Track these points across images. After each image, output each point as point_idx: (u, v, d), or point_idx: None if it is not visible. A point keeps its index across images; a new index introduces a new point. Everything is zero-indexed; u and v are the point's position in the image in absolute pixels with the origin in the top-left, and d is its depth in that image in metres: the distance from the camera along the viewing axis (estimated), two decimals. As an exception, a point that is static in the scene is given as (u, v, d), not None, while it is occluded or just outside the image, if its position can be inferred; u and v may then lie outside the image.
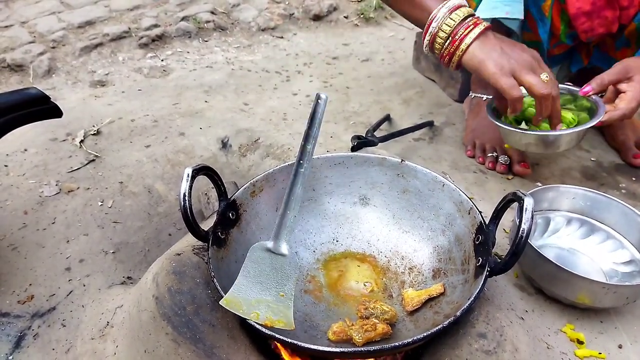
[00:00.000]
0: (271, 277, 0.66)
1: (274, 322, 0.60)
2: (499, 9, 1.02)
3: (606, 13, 1.00)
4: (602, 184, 1.15)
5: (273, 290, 0.65)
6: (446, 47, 0.90)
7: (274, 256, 0.69)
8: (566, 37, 1.08)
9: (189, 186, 0.61)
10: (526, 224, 0.55)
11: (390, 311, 0.66)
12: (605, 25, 1.02)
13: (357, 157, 0.80)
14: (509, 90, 0.87)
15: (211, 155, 1.20)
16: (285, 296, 0.65)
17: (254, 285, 0.64)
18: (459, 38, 0.88)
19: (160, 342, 0.62)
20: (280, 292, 0.65)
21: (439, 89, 1.56)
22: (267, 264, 0.67)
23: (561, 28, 1.07)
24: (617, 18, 1.02)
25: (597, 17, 1.01)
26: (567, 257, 0.90)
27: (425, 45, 0.94)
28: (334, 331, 0.63)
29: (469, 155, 1.23)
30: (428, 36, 0.91)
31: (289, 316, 0.62)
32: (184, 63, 1.73)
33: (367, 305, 0.67)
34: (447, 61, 0.92)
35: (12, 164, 1.14)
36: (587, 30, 1.03)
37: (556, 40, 1.10)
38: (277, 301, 0.63)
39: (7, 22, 1.81)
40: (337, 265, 0.76)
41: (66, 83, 1.57)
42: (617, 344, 0.79)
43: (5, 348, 0.75)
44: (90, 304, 0.82)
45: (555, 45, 1.12)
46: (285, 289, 0.66)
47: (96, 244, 0.95)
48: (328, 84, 1.60)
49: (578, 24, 1.03)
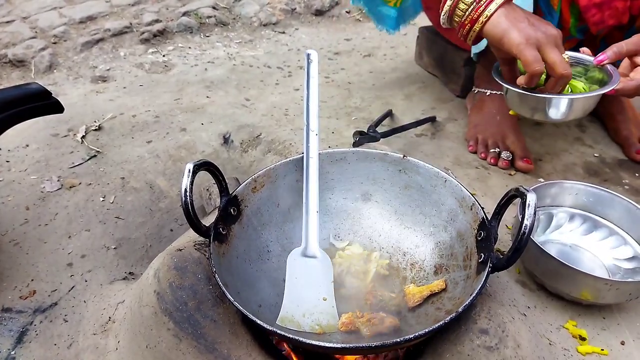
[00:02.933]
0: (311, 282, 0.68)
1: (324, 328, 0.63)
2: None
3: (617, 4, 0.99)
4: (605, 179, 1.14)
5: (316, 296, 0.67)
6: (469, 14, 0.85)
7: (308, 260, 0.70)
8: (576, 30, 1.07)
9: (190, 182, 0.61)
10: (529, 219, 0.55)
11: (397, 297, 0.68)
12: (616, 17, 1.00)
13: (359, 153, 0.80)
14: (533, 63, 0.82)
15: (213, 151, 1.20)
16: (327, 299, 0.67)
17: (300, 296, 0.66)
18: (484, 3, 0.83)
19: (161, 337, 0.62)
20: (322, 295, 0.67)
21: (441, 84, 1.55)
22: (304, 269, 0.69)
23: (571, 21, 1.05)
24: (627, 9, 1.00)
25: (608, 8, 0.99)
26: (569, 253, 0.89)
27: (445, 12, 0.88)
28: (342, 322, 0.65)
29: (471, 151, 1.22)
30: (450, 1, 0.86)
31: (334, 319, 0.64)
32: (186, 58, 1.73)
33: (374, 294, 0.68)
34: (467, 31, 0.87)
35: (13, 159, 1.14)
36: (598, 22, 1.02)
37: (566, 34, 1.09)
38: (321, 306, 0.66)
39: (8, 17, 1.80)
40: (339, 262, 0.76)
41: (67, 78, 1.57)
42: (619, 341, 0.78)
43: (8, 343, 0.76)
44: (92, 300, 0.83)
45: (565, 40, 1.11)
46: (325, 291, 0.67)
47: (98, 239, 0.95)
48: (330, 79, 1.60)
49: (589, 16, 1.01)
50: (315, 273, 0.69)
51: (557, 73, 0.83)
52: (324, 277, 0.69)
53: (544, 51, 0.83)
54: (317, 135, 0.75)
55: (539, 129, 1.32)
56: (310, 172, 0.74)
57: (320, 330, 0.63)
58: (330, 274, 0.70)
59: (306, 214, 0.72)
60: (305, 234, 0.72)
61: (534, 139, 1.27)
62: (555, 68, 0.83)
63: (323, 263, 0.70)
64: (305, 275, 0.69)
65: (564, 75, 0.84)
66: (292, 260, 0.70)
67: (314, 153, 0.75)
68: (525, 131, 1.24)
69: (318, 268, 0.69)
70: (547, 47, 0.82)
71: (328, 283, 0.68)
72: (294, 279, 0.69)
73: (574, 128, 1.33)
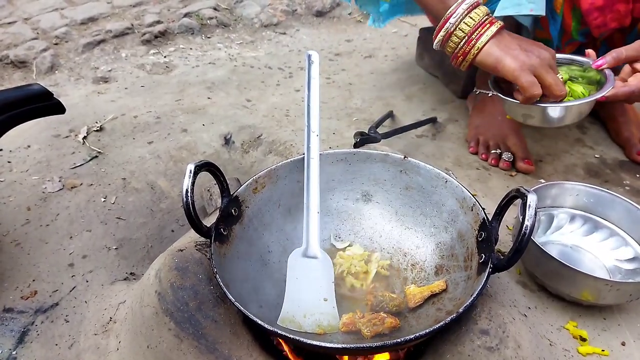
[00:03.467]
0: (312, 283, 0.68)
1: (325, 329, 0.63)
2: (524, 5, 0.98)
3: (619, 7, 0.98)
4: (606, 180, 1.14)
5: (317, 297, 0.67)
6: (461, 47, 0.88)
7: (309, 260, 0.70)
8: (578, 34, 1.07)
9: (191, 182, 0.61)
10: (529, 220, 0.55)
11: (398, 298, 0.68)
12: (618, 20, 1.00)
13: (359, 154, 0.80)
14: (530, 87, 0.85)
15: (214, 152, 1.20)
16: (328, 300, 0.67)
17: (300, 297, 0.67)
18: (475, 37, 0.86)
19: (162, 337, 0.62)
20: (323, 296, 0.67)
21: (442, 85, 1.55)
22: (305, 270, 0.69)
23: (572, 25, 1.05)
24: (629, 11, 1.00)
25: (610, 11, 0.99)
26: (570, 254, 0.89)
27: (438, 41, 0.91)
28: (344, 322, 0.65)
29: (472, 152, 1.22)
30: (443, 32, 0.88)
31: (335, 319, 0.65)
32: (187, 59, 1.73)
33: (375, 294, 0.68)
34: (460, 61, 0.90)
35: (15, 160, 1.14)
36: (600, 26, 1.02)
37: (568, 37, 1.09)
38: (322, 307, 0.66)
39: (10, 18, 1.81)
40: (340, 262, 0.76)
41: (69, 79, 1.57)
42: (620, 341, 0.78)
43: (9, 343, 0.76)
44: (93, 300, 0.83)
45: (567, 43, 1.11)
46: (326, 292, 0.68)
47: (99, 240, 0.95)
48: (331, 80, 1.60)
49: (590, 19, 1.01)
50: (316, 273, 0.69)
51: (554, 95, 0.88)
52: (324, 277, 0.69)
53: (540, 75, 0.86)
54: (318, 136, 0.75)
55: (540, 130, 1.32)
56: (311, 172, 0.74)
57: (321, 330, 0.63)
58: (331, 275, 0.70)
59: (307, 215, 0.73)
60: (306, 234, 0.72)
61: (535, 140, 1.27)
62: (552, 91, 0.87)
63: (324, 263, 0.70)
64: (306, 275, 0.69)
65: (561, 96, 0.88)
66: (293, 261, 0.70)
67: (314, 154, 0.75)
68: (526, 132, 1.24)
69: (319, 268, 0.69)
70: (541, 70, 0.86)
71: (329, 283, 0.69)
72: (294, 280, 0.69)
73: (574, 129, 1.33)
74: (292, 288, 0.68)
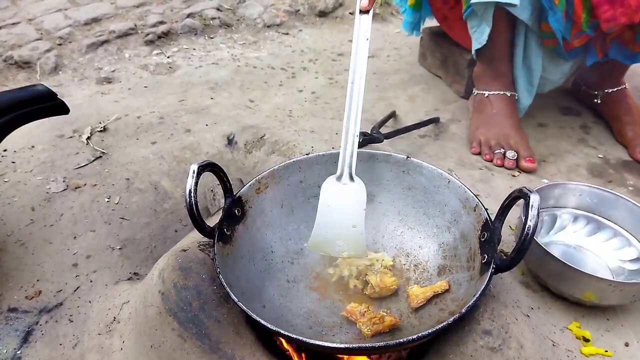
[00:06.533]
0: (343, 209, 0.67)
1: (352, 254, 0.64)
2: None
3: (630, 1, 0.97)
4: (610, 181, 1.14)
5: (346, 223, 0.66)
6: None
7: (342, 186, 0.69)
8: (587, 26, 1.05)
9: (194, 183, 0.61)
10: (532, 220, 0.55)
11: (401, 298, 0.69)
12: (628, 15, 0.99)
13: (362, 154, 0.80)
14: None
15: (217, 152, 1.20)
16: (357, 227, 0.66)
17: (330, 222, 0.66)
18: None
19: (166, 337, 0.63)
20: (353, 223, 0.66)
21: (445, 85, 1.55)
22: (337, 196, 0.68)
23: (583, 16, 1.04)
24: None
25: (620, 5, 0.98)
26: (573, 255, 0.89)
27: None
28: (346, 309, 0.66)
29: (474, 153, 1.22)
30: None
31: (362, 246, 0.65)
32: (190, 60, 1.73)
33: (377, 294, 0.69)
34: None
35: (19, 160, 1.14)
36: (609, 19, 1.01)
37: (577, 29, 1.08)
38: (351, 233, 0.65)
39: (14, 19, 1.81)
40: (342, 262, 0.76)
41: (73, 80, 1.58)
42: (623, 342, 0.78)
43: (14, 343, 0.76)
44: (97, 300, 0.83)
45: (576, 36, 1.09)
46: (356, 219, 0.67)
47: (103, 240, 0.95)
48: (333, 80, 1.60)
49: (600, 12, 1.01)
50: (348, 199, 0.67)
51: None
52: (356, 204, 0.67)
53: None
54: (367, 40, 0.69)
55: (542, 130, 1.32)
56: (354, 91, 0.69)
57: (348, 255, 0.63)
58: (363, 202, 0.68)
59: (344, 138, 0.70)
60: (342, 159, 0.70)
61: (538, 140, 1.27)
62: None
63: (357, 190, 0.68)
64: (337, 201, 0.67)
65: None
66: (327, 187, 0.69)
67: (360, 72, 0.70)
68: (528, 132, 1.24)
69: (352, 195, 0.68)
70: None
71: (360, 210, 0.67)
72: (326, 206, 0.68)
73: (578, 129, 1.33)
74: (323, 214, 0.67)
